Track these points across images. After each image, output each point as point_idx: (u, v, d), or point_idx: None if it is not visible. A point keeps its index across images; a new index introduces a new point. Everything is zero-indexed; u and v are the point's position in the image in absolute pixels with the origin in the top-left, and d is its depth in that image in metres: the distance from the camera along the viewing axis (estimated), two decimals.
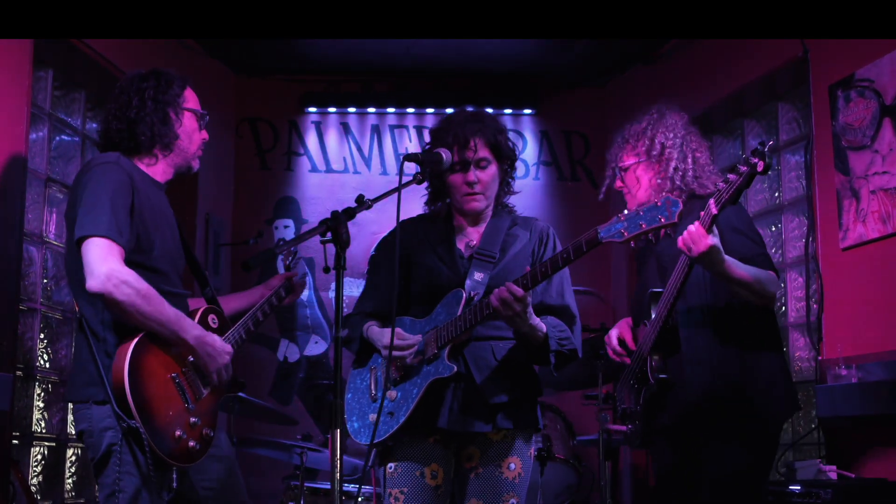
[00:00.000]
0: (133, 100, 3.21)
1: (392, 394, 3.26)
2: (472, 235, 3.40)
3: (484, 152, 3.31)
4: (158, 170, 3.25)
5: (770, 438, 3.40)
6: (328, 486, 4.78)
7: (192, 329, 3.10)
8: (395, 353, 3.21)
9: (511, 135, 3.49)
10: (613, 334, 3.58)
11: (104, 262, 2.93)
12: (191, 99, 3.32)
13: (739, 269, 3.21)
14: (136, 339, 2.97)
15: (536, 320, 3.18)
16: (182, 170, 3.32)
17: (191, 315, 3.21)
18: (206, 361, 3.13)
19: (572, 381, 5.20)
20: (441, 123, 3.41)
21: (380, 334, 3.31)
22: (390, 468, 3.28)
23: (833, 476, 4.11)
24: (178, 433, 3.02)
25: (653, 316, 3.38)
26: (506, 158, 3.38)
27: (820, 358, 4.66)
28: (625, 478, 6.31)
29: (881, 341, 4.30)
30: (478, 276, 3.28)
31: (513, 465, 3.26)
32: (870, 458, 4.35)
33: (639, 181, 3.49)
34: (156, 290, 3.01)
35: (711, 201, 3.11)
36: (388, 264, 3.40)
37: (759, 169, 3.02)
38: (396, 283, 3.18)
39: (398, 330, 3.27)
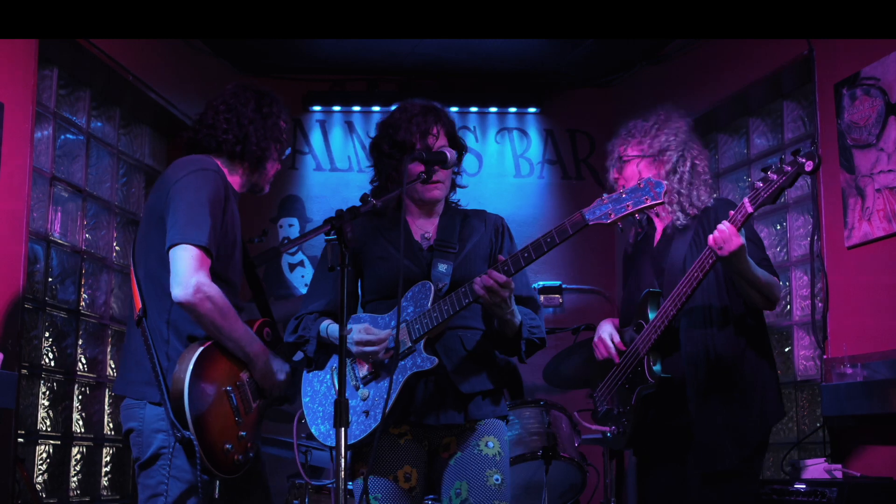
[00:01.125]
0: (248, 109, 3.23)
1: (364, 392, 3.19)
2: (427, 227, 3.35)
3: (444, 141, 3.31)
4: (238, 182, 3.28)
5: (762, 440, 3.42)
6: (332, 484, 4.78)
7: (258, 347, 3.15)
8: (367, 349, 3.14)
9: (516, 133, 3.48)
10: (605, 333, 3.56)
11: (195, 274, 2.95)
12: (286, 130, 3.37)
13: (757, 271, 3.24)
14: (198, 352, 2.98)
15: (515, 308, 3.16)
16: (256, 189, 3.34)
17: (249, 326, 3.23)
18: (267, 379, 3.19)
19: (578, 380, 5.19)
20: (397, 113, 3.37)
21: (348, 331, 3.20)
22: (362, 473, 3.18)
23: (838, 475, 4.10)
24: (227, 446, 3.03)
25: (651, 317, 3.37)
26: (460, 151, 3.38)
27: (825, 357, 4.65)
28: (630, 477, 6.30)
29: (886, 340, 4.29)
30: (441, 266, 3.23)
31: (491, 444, 3.20)
32: (875, 457, 4.34)
33: (640, 174, 3.48)
34: (233, 307, 3.04)
35: (746, 200, 3.12)
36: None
37: (808, 169, 3.02)
38: (401, 284, 3.12)
39: (367, 325, 3.19)
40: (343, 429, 2.70)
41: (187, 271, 2.95)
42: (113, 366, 5.30)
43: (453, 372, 3.17)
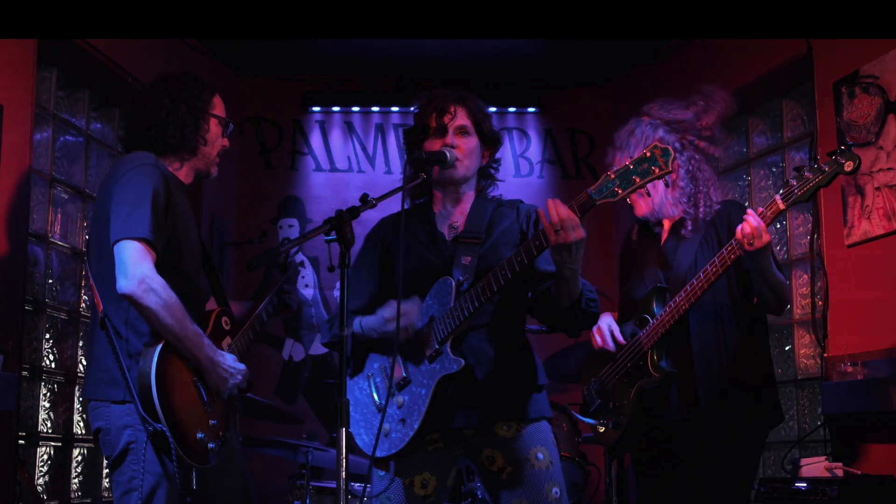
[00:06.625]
0: (164, 100, 3.23)
1: (399, 399, 3.10)
2: (456, 218, 3.24)
3: (464, 121, 3.21)
4: (182, 172, 3.28)
5: (762, 441, 3.45)
6: (334, 485, 4.78)
7: (206, 350, 3.10)
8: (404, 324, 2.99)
9: (516, 133, 3.44)
10: (604, 324, 3.54)
11: (138, 266, 2.95)
12: (218, 106, 3.36)
13: (777, 271, 3.24)
14: (161, 344, 2.99)
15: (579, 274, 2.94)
16: (202, 175, 3.35)
17: (206, 316, 3.25)
18: (218, 382, 3.14)
19: (577, 378, 5.18)
20: (423, 96, 3.30)
21: (379, 315, 3.10)
22: (381, 474, 3.13)
23: (839, 473, 4.10)
24: (199, 435, 3.04)
25: (657, 312, 3.37)
26: (488, 139, 3.26)
27: (825, 355, 4.65)
28: (631, 475, 6.29)
29: (887, 338, 4.30)
30: (465, 260, 3.10)
31: (541, 455, 3.06)
32: (876, 456, 4.34)
33: (654, 185, 3.44)
34: (181, 303, 3.01)
35: (778, 197, 3.12)
36: (370, 261, 3.30)
37: (848, 169, 3.03)
38: (400, 283, 3.10)
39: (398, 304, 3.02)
40: (343, 429, 2.70)
41: (131, 263, 2.95)
42: None
43: (484, 375, 3.05)
